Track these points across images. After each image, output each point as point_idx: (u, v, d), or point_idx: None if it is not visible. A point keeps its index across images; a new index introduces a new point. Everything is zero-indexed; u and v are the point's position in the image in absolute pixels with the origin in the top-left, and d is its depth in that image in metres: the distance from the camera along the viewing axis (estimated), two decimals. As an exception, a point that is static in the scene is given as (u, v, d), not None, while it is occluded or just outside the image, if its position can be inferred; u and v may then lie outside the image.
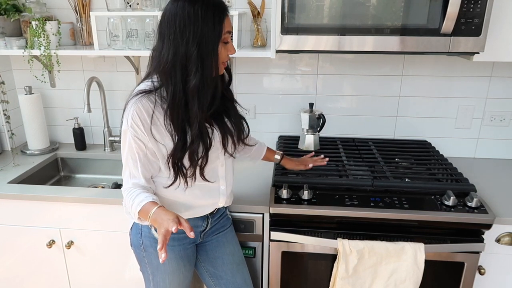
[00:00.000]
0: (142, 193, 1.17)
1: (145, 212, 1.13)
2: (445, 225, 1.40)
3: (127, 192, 1.20)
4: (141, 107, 1.13)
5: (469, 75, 1.87)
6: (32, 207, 1.65)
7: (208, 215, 1.36)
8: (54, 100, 2.15)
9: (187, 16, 1.07)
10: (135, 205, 1.15)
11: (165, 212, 1.10)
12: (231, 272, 1.41)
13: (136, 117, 1.13)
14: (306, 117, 1.84)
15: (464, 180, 1.57)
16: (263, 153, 1.60)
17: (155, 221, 1.09)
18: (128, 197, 1.18)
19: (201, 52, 1.09)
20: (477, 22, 1.40)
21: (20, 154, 2.05)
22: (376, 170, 1.65)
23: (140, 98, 1.14)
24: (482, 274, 1.47)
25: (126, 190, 1.21)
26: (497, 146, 1.96)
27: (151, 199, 1.15)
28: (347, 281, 1.42)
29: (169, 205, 1.26)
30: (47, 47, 1.81)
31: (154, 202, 1.14)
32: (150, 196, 1.16)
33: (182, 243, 1.33)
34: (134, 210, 1.15)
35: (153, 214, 1.10)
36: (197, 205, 1.30)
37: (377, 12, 1.43)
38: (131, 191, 1.18)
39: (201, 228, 1.35)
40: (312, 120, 1.84)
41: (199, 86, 1.11)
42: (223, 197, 1.35)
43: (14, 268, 1.78)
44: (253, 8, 1.79)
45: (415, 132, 1.99)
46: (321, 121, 1.85)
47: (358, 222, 1.43)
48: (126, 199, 1.20)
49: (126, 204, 1.20)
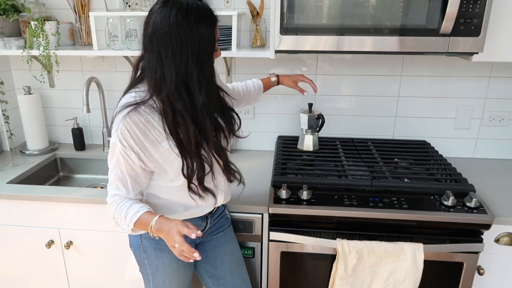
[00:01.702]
0: (134, 203, 1.15)
1: (144, 222, 1.11)
2: (444, 225, 1.40)
3: (116, 205, 1.16)
4: (131, 122, 1.09)
5: (468, 75, 1.87)
6: (31, 207, 1.65)
7: (207, 215, 1.35)
8: (53, 100, 2.15)
9: (183, 33, 1.03)
10: (129, 216, 1.13)
11: (168, 219, 1.10)
12: (230, 272, 1.40)
13: (126, 133, 1.09)
14: (305, 118, 1.84)
15: (463, 180, 1.57)
16: (261, 90, 1.68)
17: (161, 230, 1.08)
18: (118, 209, 1.15)
19: (201, 68, 1.07)
20: (476, 22, 1.40)
21: (19, 154, 2.05)
22: (375, 170, 1.65)
23: (129, 113, 1.09)
24: (481, 274, 1.47)
25: (114, 203, 1.17)
26: (496, 146, 1.96)
27: (146, 209, 1.14)
28: (346, 281, 1.42)
29: (168, 206, 1.27)
30: (46, 47, 1.80)
31: (151, 212, 1.14)
32: (144, 206, 1.15)
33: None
34: (128, 221, 1.13)
35: (155, 224, 1.09)
36: (197, 205, 1.29)
37: (376, 12, 1.43)
38: (121, 203, 1.16)
39: (200, 228, 1.35)
40: (311, 120, 1.84)
41: (206, 101, 1.10)
42: (222, 194, 1.33)
43: (13, 268, 1.78)
44: (252, 8, 1.79)
45: (414, 132, 1.99)
46: (320, 121, 1.85)
47: (357, 222, 1.43)
48: (115, 212, 1.17)
49: (115, 216, 1.17)
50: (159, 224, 1.09)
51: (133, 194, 1.18)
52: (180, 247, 1.04)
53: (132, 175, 1.16)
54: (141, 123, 1.10)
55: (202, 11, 1.07)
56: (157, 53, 1.05)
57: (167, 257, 1.30)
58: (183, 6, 1.04)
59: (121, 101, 1.14)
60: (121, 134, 1.10)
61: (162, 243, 1.27)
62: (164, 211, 1.26)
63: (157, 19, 1.05)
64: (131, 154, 1.12)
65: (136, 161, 1.14)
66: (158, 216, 1.10)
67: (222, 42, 1.72)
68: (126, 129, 1.09)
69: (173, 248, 1.07)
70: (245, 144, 2.10)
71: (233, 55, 1.74)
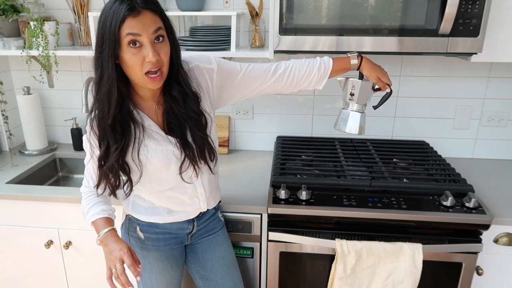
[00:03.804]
0: (98, 203, 1.21)
1: (97, 227, 1.17)
2: (443, 225, 1.40)
3: (84, 196, 1.24)
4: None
5: (467, 76, 1.87)
6: (30, 207, 1.65)
7: (194, 218, 1.33)
8: (52, 100, 2.15)
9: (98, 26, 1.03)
10: (90, 214, 1.19)
11: (117, 238, 1.14)
12: (221, 275, 1.39)
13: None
14: (358, 84, 1.32)
15: (462, 180, 1.57)
16: (327, 74, 1.27)
17: (105, 244, 1.13)
18: (84, 202, 1.23)
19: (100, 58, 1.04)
20: (475, 23, 1.40)
21: (18, 154, 2.05)
22: (374, 171, 1.65)
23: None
24: (480, 274, 1.48)
25: (82, 193, 1.25)
26: (495, 146, 1.96)
27: (106, 214, 1.18)
28: (345, 281, 1.42)
29: (152, 209, 1.27)
30: (45, 48, 1.80)
31: (109, 219, 1.18)
32: (105, 211, 1.19)
33: (167, 243, 1.33)
34: (88, 218, 1.19)
35: (103, 236, 1.14)
36: (179, 210, 1.28)
37: (375, 13, 1.43)
38: (87, 197, 1.23)
39: (187, 230, 1.34)
40: (363, 90, 1.33)
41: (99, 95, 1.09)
42: (204, 202, 1.30)
43: (12, 269, 1.78)
44: (251, 9, 1.79)
45: (413, 133, 2.00)
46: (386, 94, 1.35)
47: (356, 223, 1.43)
48: (82, 203, 1.24)
49: (82, 206, 1.24)
50: (105, 238, 1.14)
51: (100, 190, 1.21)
52: (117, 273, 1.08)
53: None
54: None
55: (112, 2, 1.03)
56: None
57: (153, 256, 1.32)
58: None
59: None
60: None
61: (148, 243, 1.30)
62: (149, 213, 1.28)
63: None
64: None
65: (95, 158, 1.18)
66: (109, 229, 1.15)
67: (222, 42, 1.72)
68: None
69: (109, 269, 1.10)
70: (244, 144, 2.10)
71: (232, 55, 1.74)
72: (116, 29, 0.99)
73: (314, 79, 1.27)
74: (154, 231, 1.30)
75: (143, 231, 1.30)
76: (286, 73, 1.26)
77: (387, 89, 1.31)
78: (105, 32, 1.01)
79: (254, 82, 1.26)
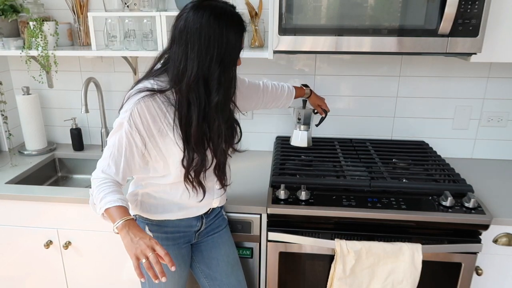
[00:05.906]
0: (115, 192, 1.12)
1: (114, 214, 1.08)
2: (443, 225, 1.40)
3: (99, 183, 1.14)
4: (145, 107, 1.10)
5: (466, 76, 1.87)
6: (30, 207, 1.65)
7: (202, 215, 1.35)
8: (51, 100, 2.15)
9: (213, 33, 1.06)
10: (105, 201, 1.10)
11: (139, 229, 1.07)
12: (226, 273, 1.40)
13: (136, 116, 1.10)
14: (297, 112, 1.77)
15: (462, 180, 1.57)
16: (292, 96, 1.66)
17: (126, 232, 1.05)
18: (99, 188, 1.13)
19: (223, 70, 1.10)
20: (474, 23, 1.40)
21: (18, 154, 2.05)
22: (374, 171, 1.65)
23: (144, 98, 1.10)
24: (479, 274, 1.48)
25: (98, 179, 1.15)
26: (494, 146, 1.96)
27: (124, 203, 1.11)
28: (344, 281, 1.42)
29: (163, 205, 1.27)
30: (44, 48, 1.80)
31: (126, 209, 1.10)
32: (124, 200, 1.12)
33: (176, 243, 1.33)
34: (102, 204, 1.10)
35: (122, 223, 1.06)
36: (191, 205, 1.30)
37: (374, 13, 1.43)
38: (104, 183, 1.13)
39: (195, 228, 1.35)
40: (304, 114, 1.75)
41: (222, 101, 1.12)
42: (218, 198, 1.35)
43: (12, 269, 1.78)
44: (250, 9, 1.79)
45: (413, 133, 2.00)
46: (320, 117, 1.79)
47: (356, 223, 1.43)
48: (95, 189, 1.14)
49: (93, 193, 1.15)
50: (126, 226, 1.06)
51: (121, 177, 1.16)
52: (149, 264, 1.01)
53: (128, 158, 1.15)
54: (153, 109, 1.12)
55: (234, 18, 1.12)
56: (184, 46, 1.08)
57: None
58: (217, 10, 1.08)
59: (137, 85, 1.15)
60: (131, 116, 1.11)
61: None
62: (159, 211, 1.27)
63: (190, 15, 1.08)
64: (136, 136, 1.13)
65: (139, 145, 1.14)
66: (130, 217, 1.08)
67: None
68: (137, 112, 1.10)
69: (136, 259, 1.02)
70: (243, 144, 2.09)
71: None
72: None
73: (283, 99, 1.64)
74: (163, 230, 1.31)
75: (152, 231, 1.30)
76: (264, 89, 1.57)
77: (323, 114, 1.76)
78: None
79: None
